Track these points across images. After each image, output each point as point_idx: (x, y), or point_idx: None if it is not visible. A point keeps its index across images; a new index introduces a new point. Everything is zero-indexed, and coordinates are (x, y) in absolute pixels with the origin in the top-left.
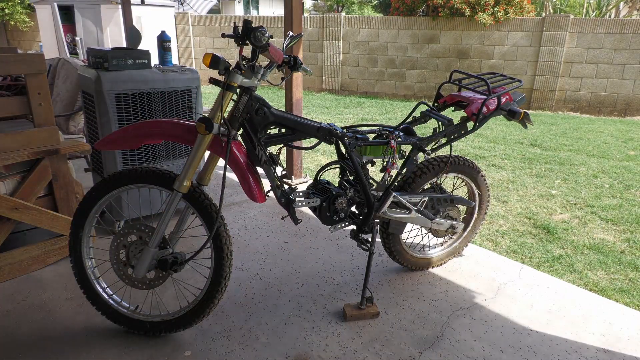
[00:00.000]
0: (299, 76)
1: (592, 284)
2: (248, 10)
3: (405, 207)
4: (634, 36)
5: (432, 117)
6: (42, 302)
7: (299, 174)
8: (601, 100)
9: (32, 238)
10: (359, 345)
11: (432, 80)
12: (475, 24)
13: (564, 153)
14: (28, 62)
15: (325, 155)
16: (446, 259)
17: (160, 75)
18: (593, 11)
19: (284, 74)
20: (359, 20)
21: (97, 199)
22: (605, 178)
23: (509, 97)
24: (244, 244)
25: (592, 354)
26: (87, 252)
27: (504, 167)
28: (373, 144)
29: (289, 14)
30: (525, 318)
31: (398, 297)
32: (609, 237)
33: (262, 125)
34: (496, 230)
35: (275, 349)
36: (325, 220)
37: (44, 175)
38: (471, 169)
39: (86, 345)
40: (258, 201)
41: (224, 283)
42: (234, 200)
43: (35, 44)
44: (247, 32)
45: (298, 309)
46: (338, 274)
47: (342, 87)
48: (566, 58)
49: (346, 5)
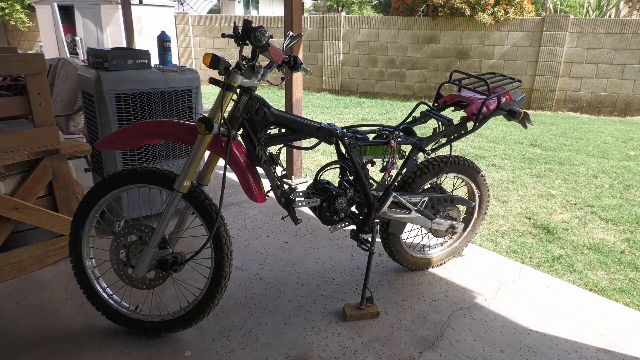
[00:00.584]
0: (299, 76)
1: (592, 284)
2: (248, 10)
3: (405, 207)
4: (634, 36)
5: (432, 117)
6: (42, 302)
7: (299, 174)
8: (601, 100)
9: (32, 238)
10: (359, 345)
11: (432, 80)
12: (475, 24)
13: (564, 153)
14: (28, 62)
15: (325, 155)
16: (446, 259)
17: (160, 75)
18: (593, 11)
19: (284, 74)
20: (359, 20)
21: (97, 199)
22: (605, 178)
23: (509, 97)
24: (244, 244)
25: (592, 354)
26: (87, 252)
27: (504, 167)
28: (373, 144)
29: (289, 14)
30: (525, 318)
31: (398, 297)
32: (609, 237)
33: (262, 125)
34: (496, 230)
35: (275, 349)
36: (325, 220)
37: (44, 175)
38: (471, 169)
39: (86, 345)
40: (258, 201)
41: (224, 283)
42: (234, 200)
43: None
44: (247, 32)
45: (298, 309)
46: (338, 274)
47: (342, 87)
48: (566, 58)
49: (346, 5)
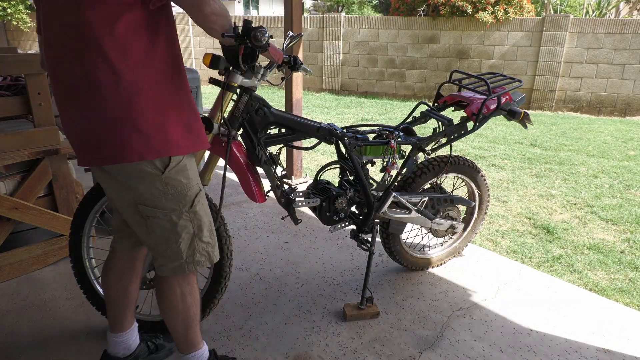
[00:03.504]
0: (299, 76)
1: (592, 284)
2: (248, 10)
3: (405, 207)
4: (634, 36)
5: (432, 117)
6: (42, 302)
7: (299, 174)
8: (601, 100)
9: (32, 238)
10: (359, 345)
11: (432, 80)
12: (475, 24)
13: (564, 153)
14: (28, 62)
15: (325, 155)
16: (446, 259)
17: None
18: (593, 11)
19: (284, 74)
20: (359, 20)
21: (97, 199)
22: (605, 178)
23: (509, 97)
24: (244, 244)
25: (592, 354)
26: (87, 252)
27: (504, 167)
28: (373, 144)
29: (289, 14)
30: (525, 318)
31: (398, 297)
32: (609, 237)
33: (262, 125)
34: (496, 230)
35: (275, 349)
36: (325, 220)
37: (44, 175)
38: (471, 169)
39: (86, 345)
40: (258, 201)
41: (224, 283)
42: (234, 200)
43: (35, 44)
44: (247, 32)
45: (298, 309)
46: (338, 274)
47: (342, 87)
48: (566, 58)
49: (346, 5)
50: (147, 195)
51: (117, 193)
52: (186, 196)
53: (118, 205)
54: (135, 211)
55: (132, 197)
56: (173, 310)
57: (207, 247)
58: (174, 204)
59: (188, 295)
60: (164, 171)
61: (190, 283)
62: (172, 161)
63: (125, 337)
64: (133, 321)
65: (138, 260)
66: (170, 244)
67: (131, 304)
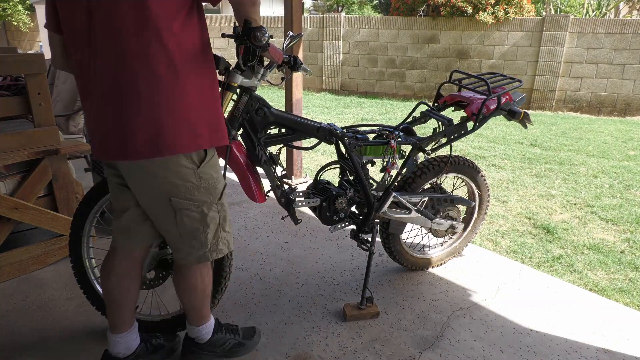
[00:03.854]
0: (299, 76)
1: (592, 284)
2: None
3: (405, 207)
4: (634, 36)
5: (432, 117)
6: (42, 302)
7: (299, 174)
8: (601, 100)
9: (32, 238)
10: (359, 345)
11: (432, 80)
12: (475, 24)
13: (564, 153)
14: (28, 62)
15: (325, 155)
16: (446, 259)
17: None
18: (593, 11)
19: (284, 74)
20: (359, 20)
21: (97, 199)
22: (605, 178)
23: (509, 97)
24: (244, 244)
25: (592, 354)
26: (87, 252)
27: (504, 167)
28: (373, 144)
29: (289, 14)
30: (525, 318)
31: (398, 297)
32: (609, 237)
33: (262, 125)
34: (496, 230)
35: (275, 349)
36: (325, 220)
37: (44, 175)
38: (471, 169)
39: (86, 345)
40: (258, 201)
41: (224, 283)
42: (234, 200)
43: (35, 44)
44: (247, 32)
45: (298, 309)
46: (338, 274)
47: (342, 87)
48: (566, 58)
49: (346, 5)
50: (182, 188)
51: (148, 188)
52: (216, 189)
53: (145, 200)
54: (166, 205)
55: (165, 191)
56: (194, 290)
57: (227, 237)
58: (206, 196)
59: (206, 275)
60: (199, 165)
61: (207, 265)
62: (207, 155)
63: (126, 338)
64: (133, 321)
65: (139, 261)
66: (198, 234)
67: (132, 305)
